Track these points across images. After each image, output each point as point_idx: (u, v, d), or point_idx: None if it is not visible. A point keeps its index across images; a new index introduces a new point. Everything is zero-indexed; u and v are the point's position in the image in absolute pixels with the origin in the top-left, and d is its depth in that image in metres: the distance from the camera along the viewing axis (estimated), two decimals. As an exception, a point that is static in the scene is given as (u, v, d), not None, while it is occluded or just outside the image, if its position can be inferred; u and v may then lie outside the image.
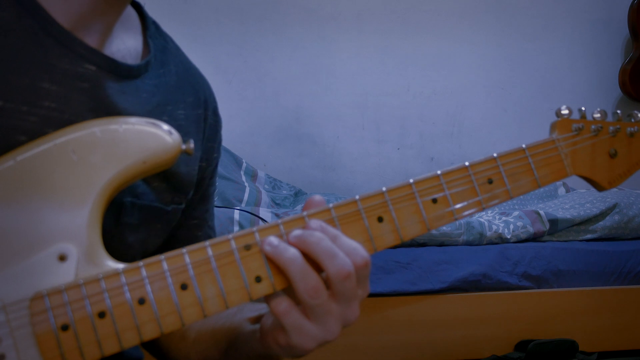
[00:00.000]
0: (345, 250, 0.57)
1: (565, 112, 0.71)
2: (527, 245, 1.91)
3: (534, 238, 1.96)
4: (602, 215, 2.01)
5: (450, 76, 2.70)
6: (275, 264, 0.57)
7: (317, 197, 0.62)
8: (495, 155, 0.66)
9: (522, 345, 1.81)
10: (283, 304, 0.57)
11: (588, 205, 2.03)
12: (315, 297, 0.56)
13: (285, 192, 2.39)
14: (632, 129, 0.72)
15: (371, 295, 1.76)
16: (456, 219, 0.63)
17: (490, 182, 0.65)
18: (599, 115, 0.71)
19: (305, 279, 0.56)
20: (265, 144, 2.63)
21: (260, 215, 1.88)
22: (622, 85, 2.75)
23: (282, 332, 0.59)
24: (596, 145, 0.70)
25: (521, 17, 2.74)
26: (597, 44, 2.79)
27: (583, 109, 0.71)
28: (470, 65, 2.71)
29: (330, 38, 2.65)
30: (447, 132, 2.72)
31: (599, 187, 0.72)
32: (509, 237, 1.93)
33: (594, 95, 2.80)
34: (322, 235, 0.57)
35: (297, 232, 0.58)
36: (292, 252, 0.56)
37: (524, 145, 0.67)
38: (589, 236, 2.00)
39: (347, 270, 0.56)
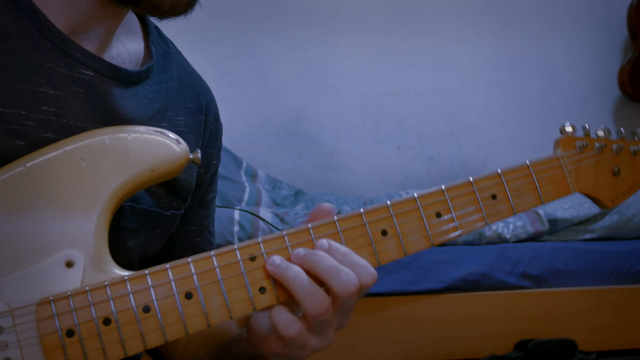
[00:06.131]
0: (354, 267, 0.57)
1: (569, 129, 0.70)
2: (526, 245, 1.92)
3: (534, 238, 1.96)
4: (601, 215, 2.01)
5: (450, 76, 2.70)
6: (280, 283, 0.57)
7: (327, 206, 0.62)
8: (499, 171, 0.66)
9: (521, 345, 1.82)
10: (294, 327, 0.56)
11: (587, 204, 2.03)
12: (323, 314, 0.56)
13: (285, 192, 2.38)
14: (635, 147, 0.72)
15: (371, 294, 1.76)
16: (460, 234, 0.63)
17: (494, 197, 0.65)
18: (602, 133, 0.71)
19: (312, 297, 0.56)
20: (266, 144, 2.63)
21: (261, 215, 1.89)
22: (621, 85, 2.75)
23: (280, 343, 0.59)
24: (600, 163, 0.70)
25: (521, 17, 2.73)
26: (596, 45, 2.79)
27: (587, 126, 0.71)
28: (470, 65, 2.71)
29: (330, 38, 2.64)
30: (447, 132, 2.72)
31: (601, 205, 0.71)
32: (508, 236, 1.94)
33: (593, 96, 2.80)
34: (324, 254, 0.57)
35: (299, 250, 0.58)
36: (296, 270, 0.56)
37: (527, 162, 0.67)
38: (588, 236, 2.01)
39: (354, 286, 0.56)
